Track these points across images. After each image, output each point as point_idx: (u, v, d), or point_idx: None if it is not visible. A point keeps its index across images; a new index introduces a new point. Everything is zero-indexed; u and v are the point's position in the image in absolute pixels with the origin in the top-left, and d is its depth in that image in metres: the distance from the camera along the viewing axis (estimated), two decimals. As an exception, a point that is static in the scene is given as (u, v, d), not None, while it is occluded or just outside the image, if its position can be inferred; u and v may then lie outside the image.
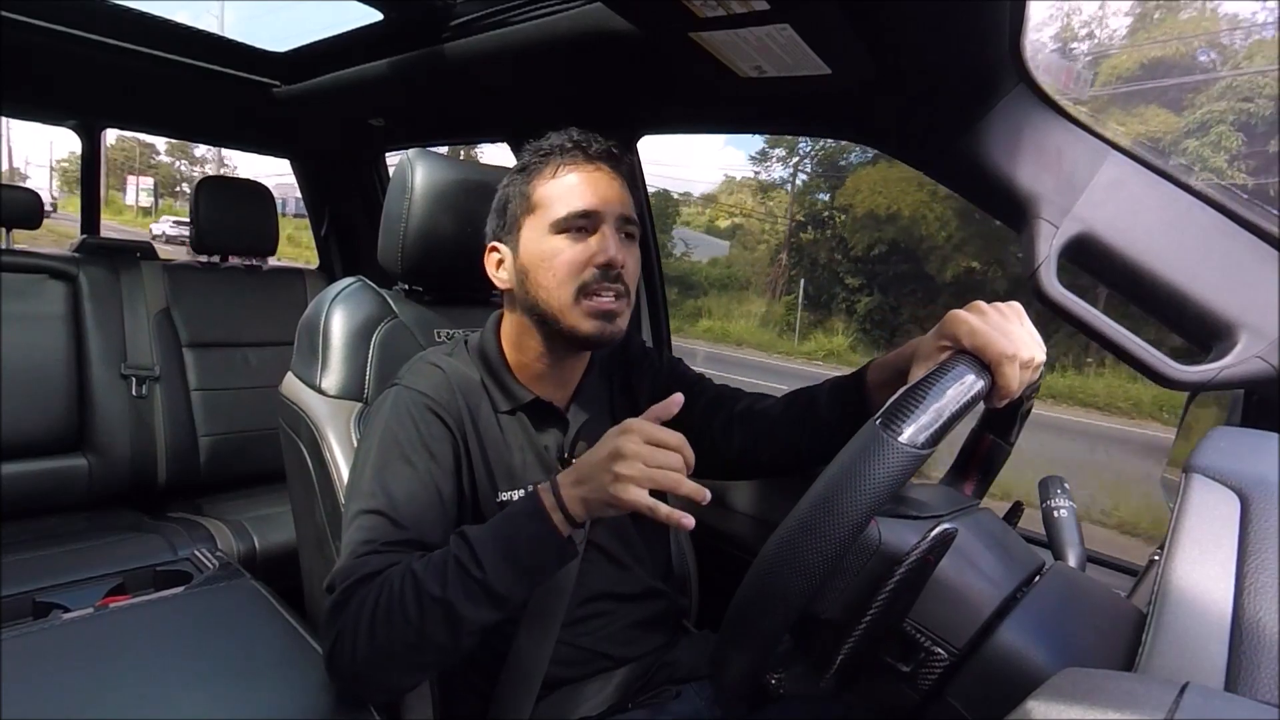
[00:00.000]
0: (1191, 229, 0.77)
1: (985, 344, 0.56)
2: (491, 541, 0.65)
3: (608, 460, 0.62)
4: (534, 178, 0.81)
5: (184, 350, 1.83)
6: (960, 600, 0.54)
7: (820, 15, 0.73)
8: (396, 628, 0.63)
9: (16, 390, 1.59)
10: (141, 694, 0.67)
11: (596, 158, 0.81)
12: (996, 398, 0.57)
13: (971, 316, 0.59)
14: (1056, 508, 0.71)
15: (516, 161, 0.87)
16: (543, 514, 0.65)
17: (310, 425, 0.94)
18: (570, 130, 0.83)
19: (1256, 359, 0.73)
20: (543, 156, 0.82)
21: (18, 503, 1.57)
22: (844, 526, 0.46)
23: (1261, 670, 0.38)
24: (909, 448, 0.46)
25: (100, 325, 1.71)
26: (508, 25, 1.15)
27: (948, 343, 0.61)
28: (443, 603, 0.62)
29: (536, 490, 0.67)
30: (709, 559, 1.13)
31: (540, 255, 0.79)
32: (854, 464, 0.47)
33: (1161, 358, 0.77)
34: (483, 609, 0.64)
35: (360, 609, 0.64)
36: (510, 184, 0.84)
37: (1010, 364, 0.56)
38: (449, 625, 0.63)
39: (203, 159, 29.25)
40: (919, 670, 0.54)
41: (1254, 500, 0.46)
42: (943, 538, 0.52)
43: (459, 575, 0.63)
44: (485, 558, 0.63)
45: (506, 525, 0.66)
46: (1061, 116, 0.83)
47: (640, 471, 0.61)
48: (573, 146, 0.81)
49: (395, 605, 0.63)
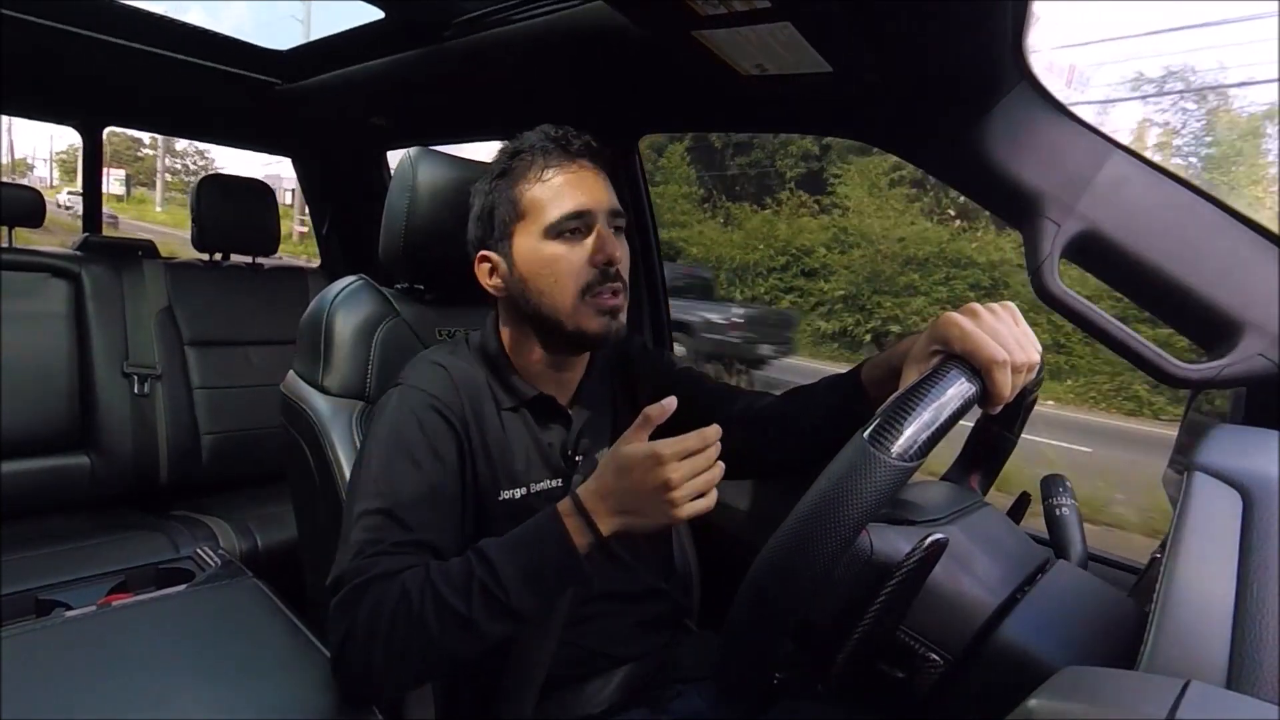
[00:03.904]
0: (1194, 227, 0.77)
1: (975, 349, 0.55)
2: (513, 564, 0.65)
3: (658, 492, 0.64)
4: (519, 182, 0.80)
5: (186, 349, 1.83)
6: (954, 607, 0.54)
7: (822, 13, 0.73)
8: (415, 637, 0.63)
9: (19, 389, 1.59)
10: (144, 692, 0.67)
11: (578, 155, 0.81)
12: (989, 403, 0.56)
13: (963, 320, 0.57)
14: (1058, 506, 0.71)
15: (490, 165, 0.85)
16: (568, 543, 0.65)
17: (312, 423, 0.94)
18: (545, 127, 0.82)
19: (1259, 357, 0.72)
20: (523, 158, 0.81)
21: (20, 501, 1.57)
22: (833, 542, 0.46)
23: (1263, 668, 0.38)
24: (897, 462, 0.46)
25: (102, 324, 1.72)
26: (509, 24, 1.15)
27: (939, 346, 0.59)
28: (465, 620, 0.63)
29: (559, 515, 0.67)
30: (711, 558, 1.13)
31: (539, 262, 0.78)
32: (842, 480, 0.46)
33: (1164, 355, 0.76)
34: (505, 625, 0.65)
35: (375, 613, 0.64)
36: (493, 190, 0.83)
37: (1001, 370, 0.54)
38: (467, 639, 0.64)
39: (184, 153, 30.26)
40: (915, 676, 0.54)
41: (1256, 498, 0.46)
42: (934, 548, 0.51)
43: (483, 596, 0.64)
44: (510, 583, 0.64)
45: (531, 551, 0.66)
46: (1064, 115, 0.83)
47: (692, 489, 0.64)
48: (552, 145, 0.80)
49: (415, 616, 0.63)
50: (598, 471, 0.68)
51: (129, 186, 28.61)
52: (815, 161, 12.16)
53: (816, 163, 12.11)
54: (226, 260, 2.00)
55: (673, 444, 0.64)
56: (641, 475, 0.64)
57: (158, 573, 1.22)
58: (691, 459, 0.64)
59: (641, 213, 1.43)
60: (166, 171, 29.44)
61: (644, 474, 0.64)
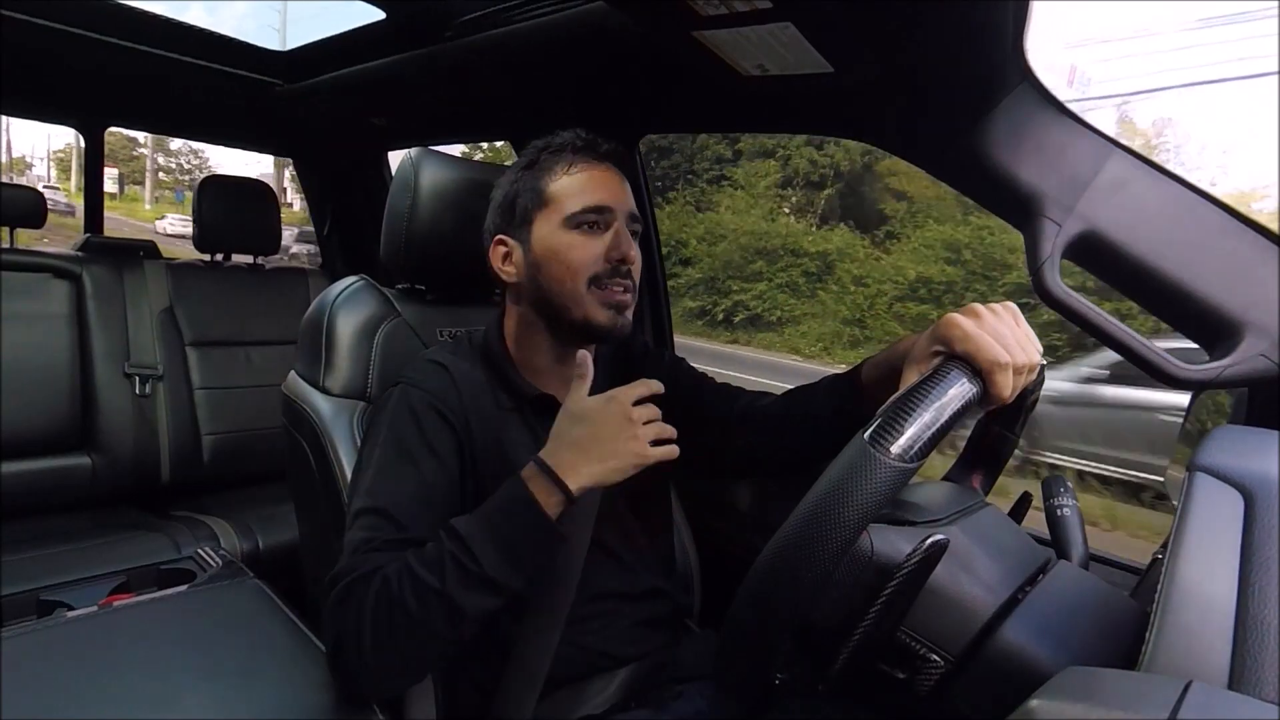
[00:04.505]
0: (1195, 227, 0.77)
1: (976, 350, 0.55)
2: (482, 533, 0.65)
3: (620, 430, 0.67)
4: (545, 174, 0.83)
5: (187, 349, 1.83)
6: (955, 608, 0.54)
7: (823, 13, 0.73)
8: (397, 622, 0.63)
9: (20, 389, 1.59)
10: (145, 693, 0.67)
11: (605, 157, 0.84)
12: (989, 404, 0.56)
13: (965, 321, 0.57)
14: (1059, 506, 0.71)
15: (518, 159, 0.88)
16: (535, 505, 0.66)
17: (313, 424, 0.94)
18: (578, 130, 0.85)
19: (1261, 357, 0.72)
20: (553, 153, 0.84)
21: (21, 501, 1.57)
22: (833, 543, 0.46)
23: (1265, 669, 0.38)
24: (897, 463, 0.46)
25: (104, 324, 1.72)
26: (510, 24, 1.15)
27: (940, 347, 0.59)
28: (441, 595, 0.63)
29: (524, 479, 0.68)
30: (711, 557, 1.13)
31: (554, 248, 0.80)
32: (842, 481, 0.46)
33: (1166, 356, 0.76)
34: (483, 598, 0.64)
35: (360, 606, 0.65)
36: (519, 180, 0.85)
37: (1003, 372, 0.54)
38: (449, 617, 0.64)
39: (178, 152, 31.14)
40: (915, 677, 0.54)
41: (1258, 499, 0.46)
42: (935, 549, 0.51)
43: (456, 569, 0.64)
44: (480, 552, 0.64)
45: (499, 519, 0.67)
46: (1064, 115, 0.83)
47: (653, 428, 0.68)
48: (583, 145, 0.84)
49: (395, 601, 0.63)
50: (554, 433, 0.70)
51: (121, 185, 29.07)
52: (730, 164, 13.95)
53: (731, 165, 13.96)
54: (228, 260, 2.00)
55: (623, 388, 0.69)
56: (600, 419, 0.67)
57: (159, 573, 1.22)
58: (645, 405, 0.68)
59: (643, 213, 1.43)
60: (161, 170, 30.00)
61: (602, 417, 0.67)
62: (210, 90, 1.81)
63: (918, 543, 0.51)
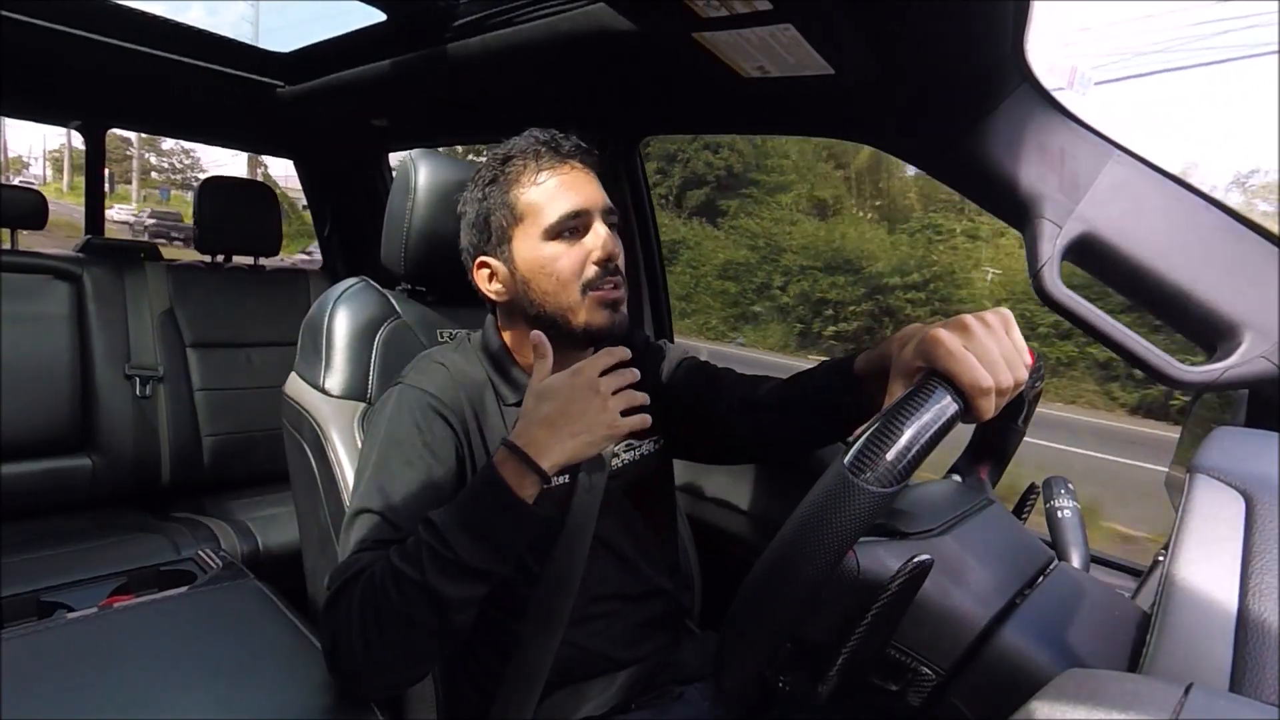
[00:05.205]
0: (1195, 229, 0.77)
1: (959, 372, 0.51)
2: (456, 522, 0.65)
3: (588, 401, 0.67)
4: (512, 187, 0.81)
5: (187, 350, 1.83)
6: (944, 622, 0.53)
7: (823, 15, 0.73)
8: (385, 618, 0.63)
9: (20, 390, 1.59)
10: (145, 694, 0.67)
11: (569, 156, 0.81)
12: (971, 421, 0.53)
13: (950, 339, 0.53)
14: (1060, 508, 0.71)
15: (480, 172, 0.85)
16: (506, 488, 0.65)
17: (314, 425, 0.94)
18: (533, 131, 0.83)
19: (1261, 359, 0.72)
20: (513, 164, 0.81)
21: (21, 502, 1.57)
22: (814, 568, 0.46)
23: (1266, 671, 0.38)
24: (876, 489, 0.45)
25: (104, 325, 1.72)
26: (510, 26, 1.15)
27: (922, 362, 0.55)
28: (423, 586, 0.63)
29: (495, 464, 0.67)
30: (712, 558, 1.13)
31: (539, 263, 0.79)
32: (822, 508, 0.46)
33: (1166, 358, 0.76)
34: (464, 585, 0.64)
35: (350, 606, 0.65)
36: (486, 197, 0.83)
37: (985, 396, 0.51)
38: (433, 607, 0.63)
39: (171, 151, 31.94)
40: (908, 689, 0.54)
41: (1258, 501, 0.46)
42: (919, 569, 0.51)
43: (432, 558, 0.63)
44: (455, 540, 0.64)
45: (472, 506, 0.66)
46: (1065, 116, 0.83)
47: (623, 397, 0.68)
48: (543, 148, 0.81)
49: (380, 596, 0.64)
50: (522, 413, 0.69)
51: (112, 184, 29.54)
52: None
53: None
54: (228, 262, 2.00)
55: (588, 360, 0.69)
56: (568, 393, 0.67)
57: (159, 574, 1.23)
58: (613, 374, 0.68)
59: (643, 212, 1.43)
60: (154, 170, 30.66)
61: (569, 391, 0.67)
62: (211, 91, 1.81)
63: (903, 562, 0.51)
